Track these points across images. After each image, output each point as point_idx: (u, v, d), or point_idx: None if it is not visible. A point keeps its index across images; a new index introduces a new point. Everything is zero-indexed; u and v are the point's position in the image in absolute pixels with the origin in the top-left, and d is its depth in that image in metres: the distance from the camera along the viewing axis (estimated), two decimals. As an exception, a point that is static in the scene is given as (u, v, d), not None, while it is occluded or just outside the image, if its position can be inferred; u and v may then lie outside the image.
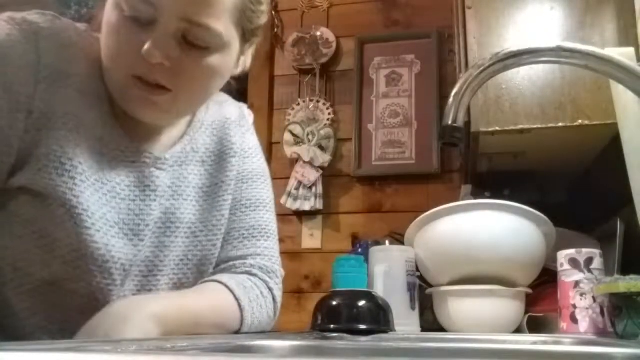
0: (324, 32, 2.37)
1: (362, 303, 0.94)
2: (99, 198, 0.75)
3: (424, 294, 1.29)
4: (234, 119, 0.95)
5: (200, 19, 0.71)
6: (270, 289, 0.89)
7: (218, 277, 0.85)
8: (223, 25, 0.73)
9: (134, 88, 0.73)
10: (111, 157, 0.78)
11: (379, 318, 0.94)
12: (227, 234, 0.89)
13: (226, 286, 0.82)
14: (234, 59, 0.79)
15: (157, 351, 0.44)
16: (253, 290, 0.86)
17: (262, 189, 0.94)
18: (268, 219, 0.94)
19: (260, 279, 0.89)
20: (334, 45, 2.34)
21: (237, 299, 0.82)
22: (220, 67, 0.77)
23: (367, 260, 1.20)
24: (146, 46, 0.69)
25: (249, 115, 1.01)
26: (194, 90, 0.77)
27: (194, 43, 0.72)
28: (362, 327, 0.91)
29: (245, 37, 0.79)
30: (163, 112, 0.77)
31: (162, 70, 0.71)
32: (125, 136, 0.79)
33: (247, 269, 0.88)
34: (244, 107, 1.01)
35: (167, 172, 0.83)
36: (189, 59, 0.73)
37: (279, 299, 0.92)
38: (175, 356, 0.39)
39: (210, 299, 0.81)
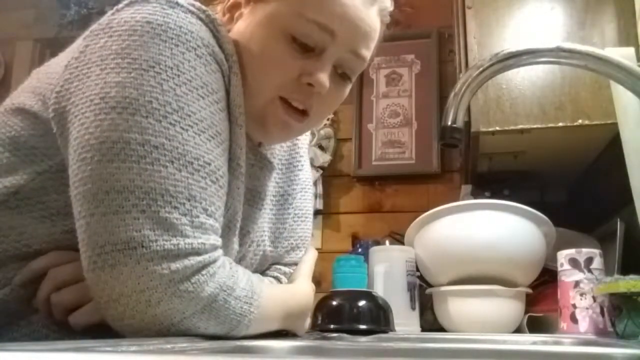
0: (324, 32, 2.36)
1: (362, 303, 0.94)
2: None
3: (424, 294, 1.29)
4: None
5: (362, 51, 0.70)
6: None
7: None
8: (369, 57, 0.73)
9: (279, 109, 0.69)
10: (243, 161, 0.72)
11: (379, 318, 0.94)
12: None
13: None
14: None
15: (157, 351, 0.44)
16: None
17: (312, 198, 0.92)
18: (310, 228, 0.91)
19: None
20: (334, 45, 2.33)
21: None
22: (345, 95, 0.75)
23: (367, 260, 1.20)
24: (318, 75, 0.67)
25: None
26: (325, 116, 0.77)
27: (345, 73, 0.71)
28: (362, 327, 0.91)
29: None
30: (293, 135, 0.77)
31: (317, 98, 0.69)
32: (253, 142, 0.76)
33: (275, 275, 0.85)
34: None
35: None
36: (334, 87, 0.71)
37: None
38: (175, 356, 0.39)
39: None
